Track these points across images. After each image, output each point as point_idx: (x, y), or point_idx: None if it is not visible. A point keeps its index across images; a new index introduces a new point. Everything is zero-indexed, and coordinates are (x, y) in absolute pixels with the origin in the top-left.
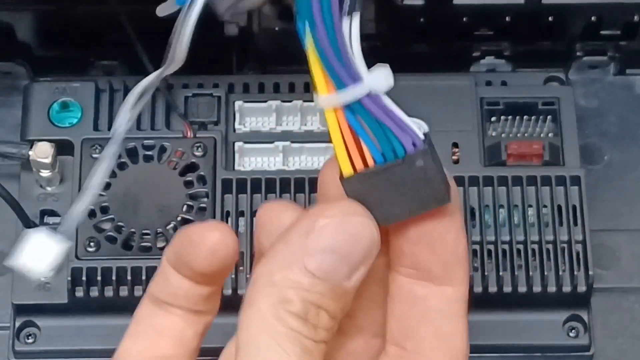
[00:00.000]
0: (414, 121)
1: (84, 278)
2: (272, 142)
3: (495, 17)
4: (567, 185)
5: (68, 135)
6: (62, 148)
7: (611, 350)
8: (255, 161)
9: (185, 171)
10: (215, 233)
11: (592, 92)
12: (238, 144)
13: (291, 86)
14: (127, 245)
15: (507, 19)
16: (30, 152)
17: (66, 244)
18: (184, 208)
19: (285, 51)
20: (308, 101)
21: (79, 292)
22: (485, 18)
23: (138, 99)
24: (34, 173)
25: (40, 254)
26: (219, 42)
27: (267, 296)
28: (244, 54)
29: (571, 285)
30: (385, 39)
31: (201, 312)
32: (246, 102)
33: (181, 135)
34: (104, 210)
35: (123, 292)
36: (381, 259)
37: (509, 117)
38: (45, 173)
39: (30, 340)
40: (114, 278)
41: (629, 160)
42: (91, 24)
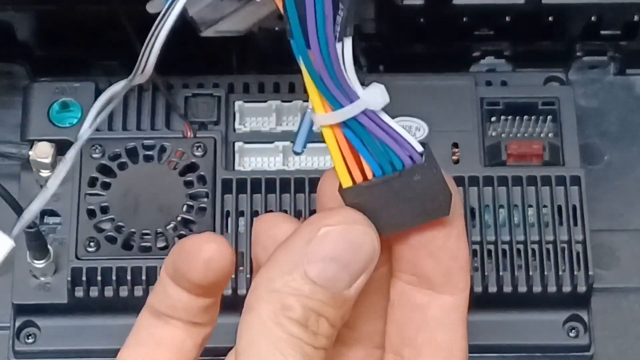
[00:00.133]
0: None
1: (84, 278)
2: (272, 142)
3: (495, 17)
4: (567, 185)
5: (68, 135)
6: (62, 148)
7: (611, 350)
8: (255, 161)
9: (185, 171)
10: (211, 245)
11: (592, 92)
12: (238, 144)
13: (291, 86)
14: (127, 245)
15: (507, 19)
16: (30, 152)
17: (9, 244)
18: (184, 208)
19: (285, 51)
20: (308, 101)
21: (79, 292)
22: (485, 18)
23: (104, 107)
24: (34, 173)
25: None
26: (219, 42)
27: (268, 302)
28: (244, 54)
29: (571, 285)
30: (385, 39)
31: (200, 324)
32: (246, 102)
33: (181, 135)
34: (104, 210)
35: (123, 292)
36: (383, 269)
37: (509, 117)
38: (45, 173)
39: (30, 340)
40: (114, 278)
41: (629, 160)
42: (91, 24)
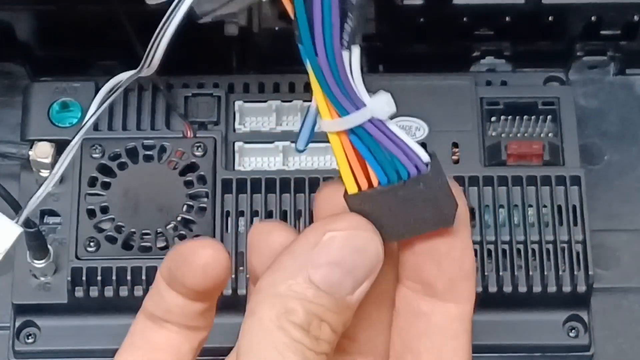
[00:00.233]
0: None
1: (84, 278)
2: (272, 142)
3: (495, 17)
4: (567, 185)
5: (68, 135)
6: (62, 148)
7: (611, 350)
8: (255, 161)
9: (185, 171)
10: (207, 250)
11: (592, 92)
12: (238, 144)
13: (291, 86)
14: (127, 245)
15: (507, 19)
16: (30, 152)
17: (17, 231)
18: (184, 208)
19: (285, 51)
20: (308, 101)
21: (79, 292)
22: (485, 18)
23: (107, 97)
24: (34, 173)
25: None
26: (219, 42)
27: (271, 306)
28: (244, 54)
29: (571, 285)
30: (385, 39)
31: (196, 328)
32: (246, 102)
33: (181, 135)
34: (104, 210)
35: (123, 292)
36: (384, 279)
37: (509, 117)
38: (45, 173)
39: (30, 340)
40: (114, 278)
41: (629, 160)
42: (91, 24)
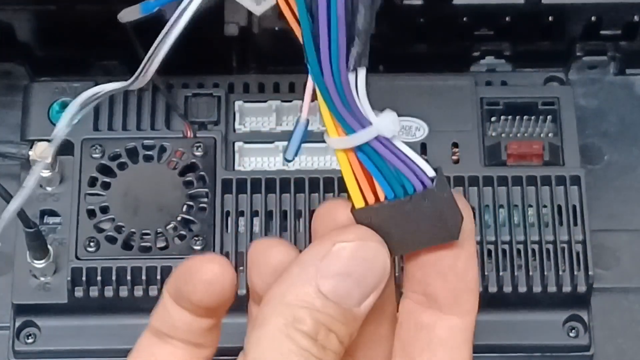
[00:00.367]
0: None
1: (84, 278)
2: (272, 142)
3: (495, 17)
4: (567, 185)
5: (68, 135)
6: (62, 148)
7: (611, 350)
8: (255, 161)
9: (185, 171)
10: (213, 266)
11: (592, 92)
12: (238, 144)
13: (291, 86)
14: (127, 245)
15: (507, 19)
16: (30, 152)
17: None
18: (184, 208)
19: (285, 51)
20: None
21: (79, 292)
22: (485, 18)
23: (86, 105)
24: (31, 169)
25: None
26: (219, 42)
27: (279, 315)
28: (244, 54)
29: (571, 285)
30: (385, 39)
31: (201, 345)
32: (246, 102)
33: (181, 135)
34: (104, 210)
35: (123, 292)
36: (386, 293)
37: (509, 117)
38: (45, 173)
39: (30, 340)
40: (114, 278)
41: (629, 160)
42: (91, 24)
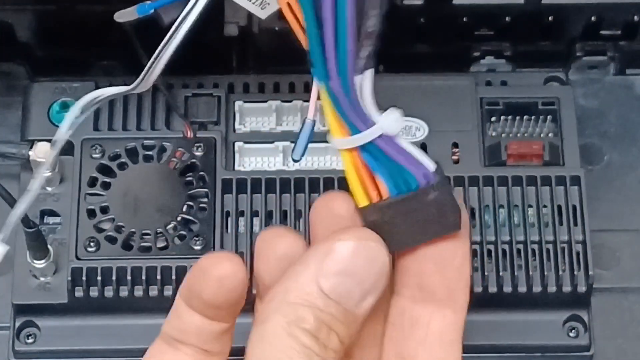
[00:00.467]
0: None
1: (84, 278)
2: (272, 142)
3: (495, 17)
4: (567, 185)
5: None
6: (62, 148)
7: (611, 350)
8: (255, 161)
9: (185, 171)
10: (225, 263)
11: (592, 92)
12: (238, 144)
13: (291, 86)
14: (127, 245)
15: (507, 19)
16: (30, 152)
17: (4, 249)
18: (184, 208)
19: (285, 51)
20: (308, 101)
21: (79, 292)
22: (485, 18)
23: (88, 108)
24: (34, 173)
25: None
26: (219, 42)
27: (282, 314)
28: (244, 54)
29: (571, 285)
30: (385, 39)
31: (211, 353)
32: (246, 102)
33: (181, 135)
34: (104, 210)
35: (123, 293)
36: (386, 295)
37: (509, 117)
38: (45, 173)
39: (30, 340)
40: (114, 278)
41: (629, 160)
42: (91, 24)
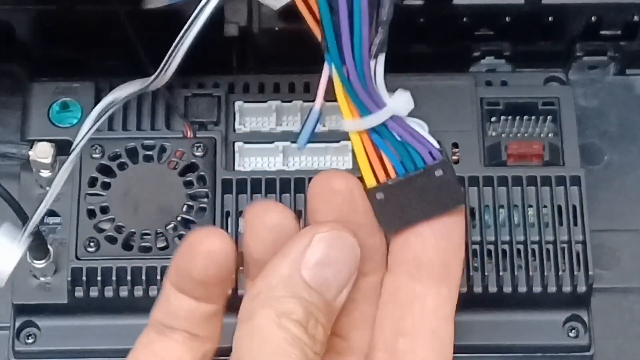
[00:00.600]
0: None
1: (84, 278)
2: (272, 142)
3: (495, 17)
4: (567, 185)
5: (68, 135)
6: (62, 148)
7: (611, 350)
8: (255, 161)
9: (185, 171)
10: (212, 238)
11: (592, 92)
12: (238, 144)
13: (291, 86)
14: (127, 245)
15: (507, 19)
16: (30, 152)
17: (18, 254)
18: (184, 208)
19: (285, 51)
20: (308, 101)
21: (79, 292)
22: (485, 18)
23: (107, 109)
24: (34, 173)
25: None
26: (219, 42)
27: (270, 308)
28: (244, 54)
29: (571, 285)
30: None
31: (200, 338)
32: (246, 102)
33: (181, 135)
34: (104, 210)
35: (123, 293)
36: (372, 279)
37: (509, 117)
38: (45, 173)
39: (30, 340)
40: (114, 278)
41: (629, 160)
42: (91, 24)
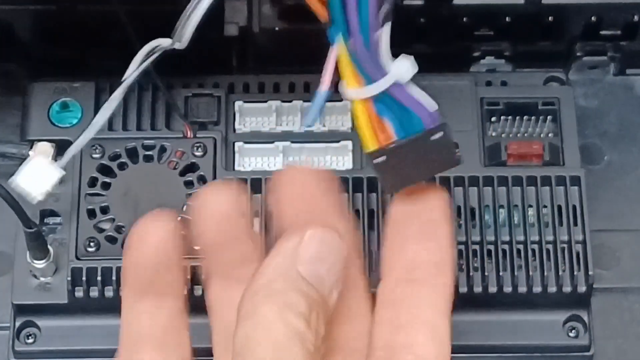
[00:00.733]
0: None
1: (84, 278)
2: (272, 142)
3: (495, 17)
4: (567, 185)
5: (68, 135)
6: (62, 148)
7: (611, 350)
8: (255, 161)
9: (185, 171)
10: (154, 224)
11: (592, 92)
12: (238, 144)
13: (291, 86)
14: None
15: (507, 19)
16: (30, 152)
17: (60, 173)
18: (184, 208)
19: (285, 51)
20: (308, 101)
21: (79, 292)
22: (485, 18)
23: (146, 58)
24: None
25: (37, 178)
26: (219, 42)
27: (271, 303)
28: (244, 54)
29: (571, 285)
30: None
31: (170, 347)
32: (246, 102)
33: (181, 135)
34: (104, 210)
35: None
36: (353, 273)
37: (509, 117)
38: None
39: (30, 340)
40: (114, 278)
41: (629, 160)
42: (91, 24)
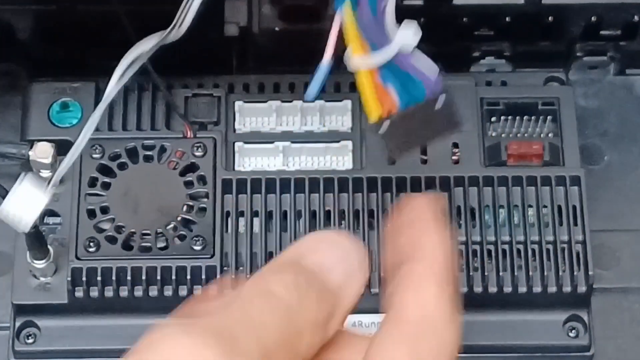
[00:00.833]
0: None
1: (84, 278)
2: (272, 142)
3: (495, 17)
4: (567, 185)
5: (68, 135)
6: (62, 148)
7: (611, 350)
8: (255, 161)
9: (185, 171)
10: None
11: (592, 92)
12: (238, 144)
13: (291, 86)
14: (127, 245)
15: (507, 19)
16: (30, 152)
17: (45, 200)
18: (184, 208)
19: (285, 51)
20: (308, 101)
21: (79, 292)
22: (485, 18)
23: (131, 63)
24: (34, 173)
25: (25, 205)
26: (219, 42)
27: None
28: (244, 54)
29: (571, 285)
30: None
31: None
32: (246, 102)
33: (181, 135)
34: (104, 210)
35: (123, 293)
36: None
37: (509, 117)
38: (45, 173)
39: (30, 340)
40: (114, 278)
41: (629, 160)
42: (91, 24)
